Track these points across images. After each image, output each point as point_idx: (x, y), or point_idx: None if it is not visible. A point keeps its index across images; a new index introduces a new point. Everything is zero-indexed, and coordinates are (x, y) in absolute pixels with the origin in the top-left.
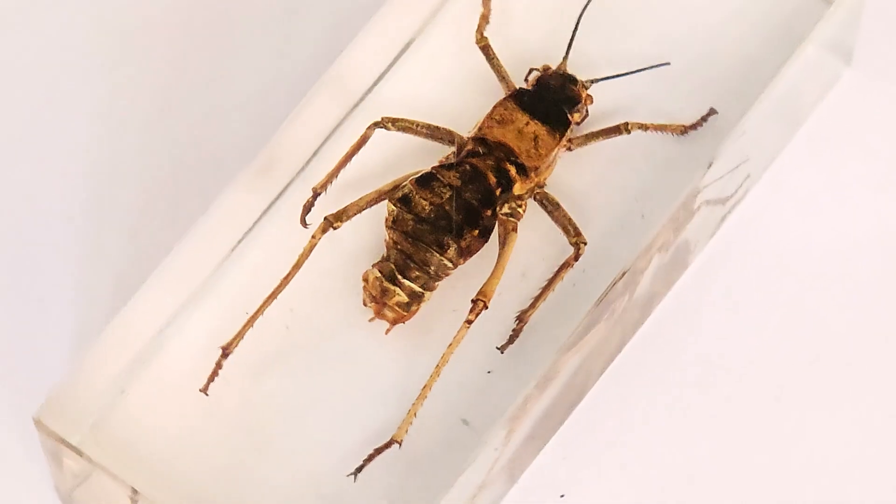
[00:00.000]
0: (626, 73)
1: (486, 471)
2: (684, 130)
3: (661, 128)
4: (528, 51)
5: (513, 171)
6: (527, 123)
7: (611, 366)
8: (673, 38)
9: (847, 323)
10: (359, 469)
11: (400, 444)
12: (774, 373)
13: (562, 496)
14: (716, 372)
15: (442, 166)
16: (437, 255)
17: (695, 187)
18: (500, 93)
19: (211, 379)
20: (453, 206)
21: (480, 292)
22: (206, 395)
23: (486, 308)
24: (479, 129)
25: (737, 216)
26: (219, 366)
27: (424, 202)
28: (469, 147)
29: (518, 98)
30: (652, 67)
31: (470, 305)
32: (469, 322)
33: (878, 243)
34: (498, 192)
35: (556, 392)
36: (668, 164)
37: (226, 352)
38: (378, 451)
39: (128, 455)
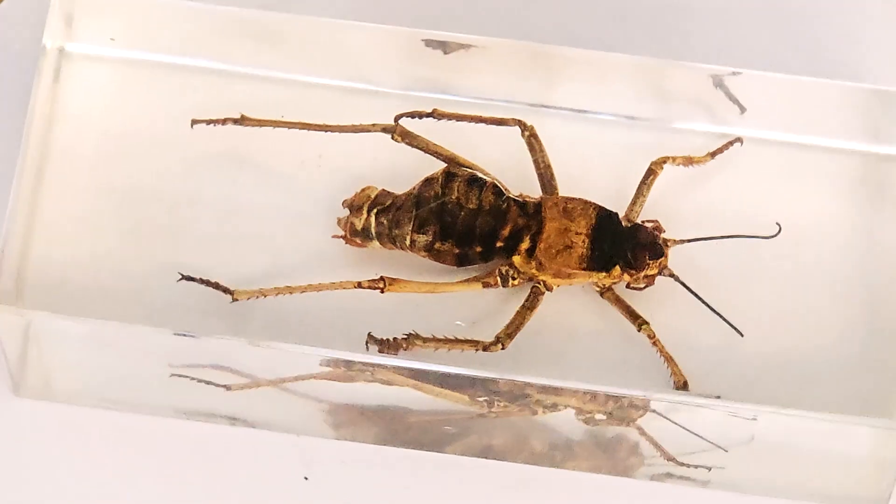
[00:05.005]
0: (704, 303)
1: (289, 373)
2: (681, 386)
3: (669, 360)
4: (679, 213)
5: (524, 245)
6: (577, 233)
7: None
8: (763, 320)
9: None
10: (188, 277)
11: (233, 300)
12: None
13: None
14: None
15: (497, 187)
16: (409, 228)
17: (630, 400)
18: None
19: (210, 121)
20: (461, 216)
21: (390, 279)
22: (192, 127)
23: (382, 292)
24: (552, 198)
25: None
26: (225, 121)
27: (456, 193)
28: (531, 199)
29: (602, 214)
30: (729, 324)
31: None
32: (359, 284)
33: None
34: (499, 244)
35: (384, 399)
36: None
37: (243, 120)
38: (215, 285)
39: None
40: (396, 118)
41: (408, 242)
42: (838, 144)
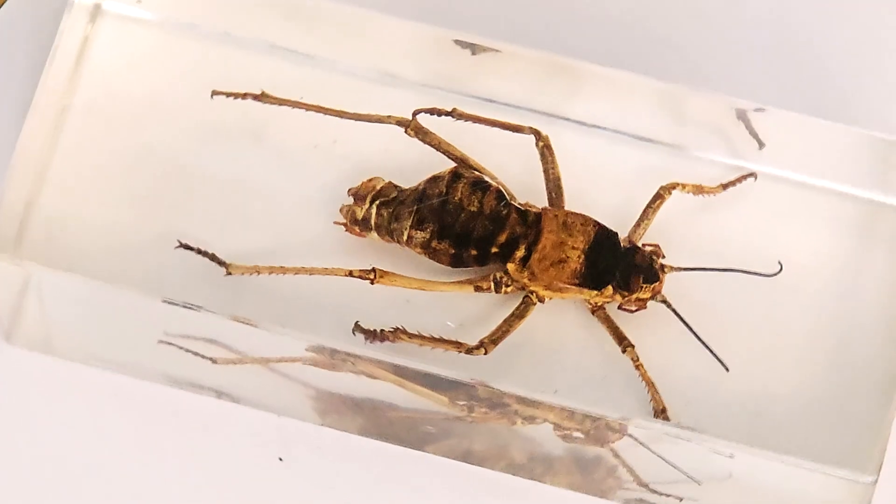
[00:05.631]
0: (693, 333)
1: (273, 353)
2: (659, 411)
3: (650, 386)
4: (683, 241)
5: (519, 253)
6: (573, 248)
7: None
8: (751, 357)
9: None
10: (185, 246)
11: (227, 273)
12: None
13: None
14: None
15: (500, 193)
16: (408, 223)
17: (606, 422)
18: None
19: (230, 94)
20: (461, 217)
21: (381, 271)
22: (211, 97)
23: (372, 283)
24: (553, 210)
25: None
26: (245, 95)
27: (460, 194)
28: (533, 208)
29: (601, 232)
30: (716, 357)
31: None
32: (350, 273)
33: None
34: (494, 249)
35: (366, 391)
36: (628, 384)
37: (263, 97)
38: (211, 256)
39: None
40: (415, 113)
41: (405, 237)
42: (852, 191)
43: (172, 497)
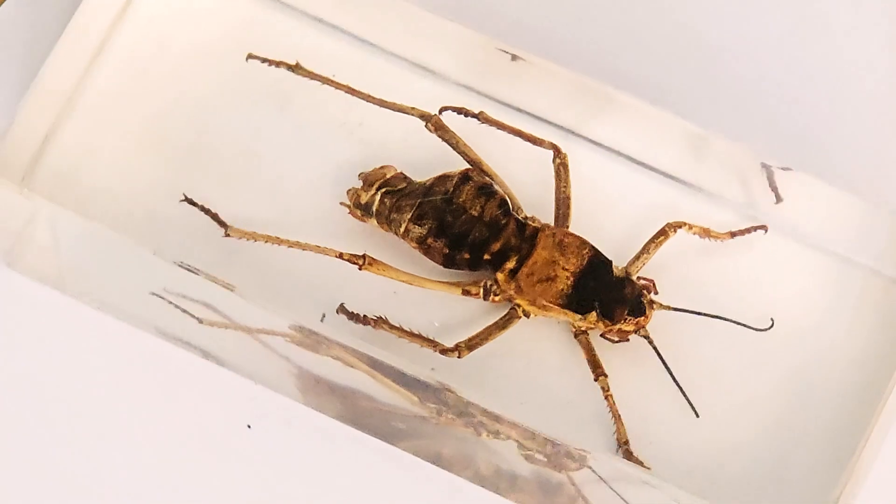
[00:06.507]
0: (669, 372)
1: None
2: (623, 443)
3: (616, 417)
4: (683, 281)
5: (510, 264)
6: (564, 268)
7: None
8: (724, 408)
9: None
10: (189, 201)
11: (225, 234)
12: None
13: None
14: None
15: (504, 201)
16: (408, 216)
17: (567, 449)
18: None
19: (265, 60)
20: (460, 219)
21: (371, 259)
22: (246, 60)
23: (360, 268)
24: (553, 228)
25: None
26: (279, 63)
27: (465, 196)
28: (533, 221)
29: (595, 258)
30: (687, 400)
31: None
32: (341, 255)
33: None
34: (486, 256)
35: (340, 377)
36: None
37: (296, 68)
38: (213, 216)
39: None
40: (441, 110)
41: (402, 230)
42: (857, 259)
43: (136, 441)
